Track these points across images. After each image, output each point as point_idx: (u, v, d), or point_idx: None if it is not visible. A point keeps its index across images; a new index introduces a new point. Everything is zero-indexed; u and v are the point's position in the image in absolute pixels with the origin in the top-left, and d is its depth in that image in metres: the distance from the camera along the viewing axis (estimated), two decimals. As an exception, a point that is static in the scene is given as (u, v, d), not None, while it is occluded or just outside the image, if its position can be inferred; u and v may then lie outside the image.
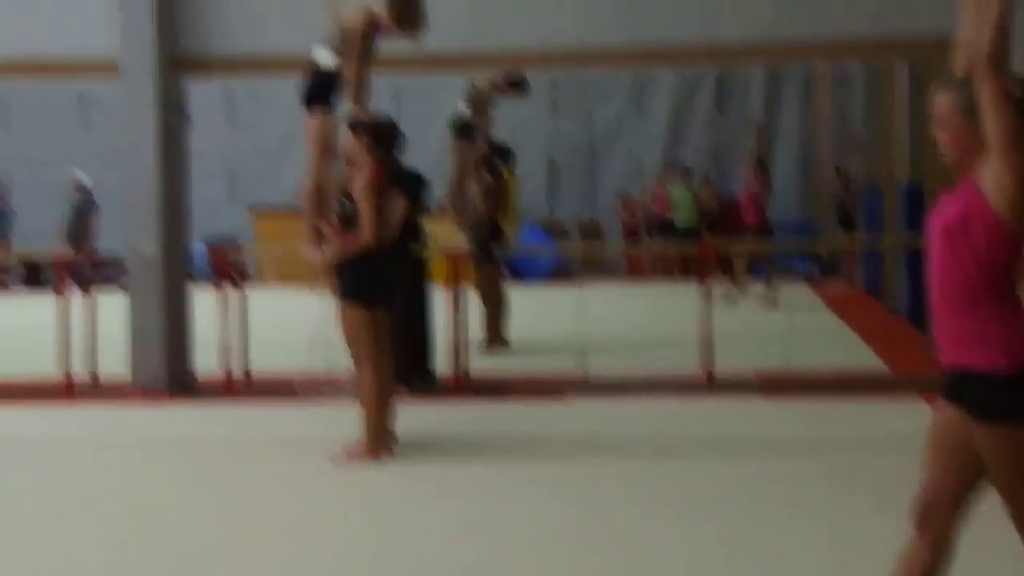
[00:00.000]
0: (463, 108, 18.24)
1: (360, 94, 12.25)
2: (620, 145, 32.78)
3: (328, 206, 11.67)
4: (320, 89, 12.19)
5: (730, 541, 8.59)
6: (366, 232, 10.99)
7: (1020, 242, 5.45)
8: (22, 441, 12.63)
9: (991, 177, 5.34)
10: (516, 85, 18.19)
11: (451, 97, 18.24)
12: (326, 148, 11.90)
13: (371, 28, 12.32)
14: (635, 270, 29.76)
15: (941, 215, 5.56)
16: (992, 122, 5.32)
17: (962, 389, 5.51)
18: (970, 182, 5.47)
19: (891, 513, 5.89)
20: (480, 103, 18.19)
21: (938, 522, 5.63)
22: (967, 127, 5.45)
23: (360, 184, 11.07)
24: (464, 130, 18.11)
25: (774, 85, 32.53)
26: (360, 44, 12.28)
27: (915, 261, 19.02)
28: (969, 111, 5.43)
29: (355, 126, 11.47)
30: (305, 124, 12.56)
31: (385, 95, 12.18)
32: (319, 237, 11.60)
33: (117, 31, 14.87)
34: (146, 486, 10.65)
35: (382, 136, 11.30)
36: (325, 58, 12.25)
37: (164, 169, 15.04)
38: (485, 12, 14.72)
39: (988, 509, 5.71)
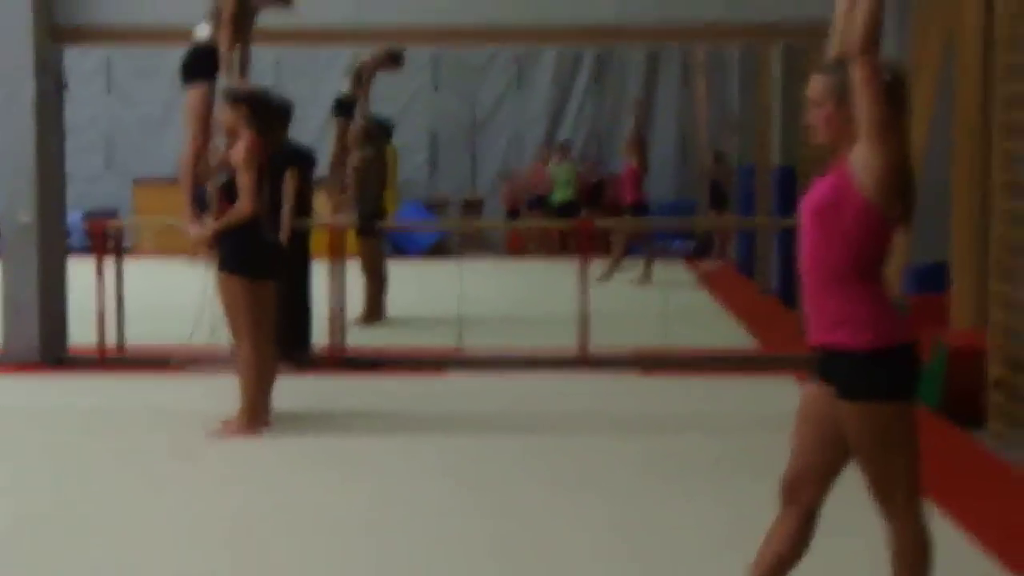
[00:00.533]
0: (346, 85, 18.31)
1: (238, 67, 12.24)
2: (501, 122, 32.84)
3: (207, 178, 11.64)
4: (198, 62, 12.14)
5: (614, 514, 8.66)
6: (244, 202, 10.97)
7: (889, 226, 5.56)
8: None
9: (861, 161, 5.43)
10: (395, 58, 18.24)
11: (335, 73, 18.22)
12: (204, 121, 11.86)
13: (243, -1, 12.35)
14: (515, 246, 29.81)
15: (812, 198, 5.65)
16: (864, 106, 5.41)
17: (830, 367, 5.62)
18: (841, 166, 5.55)
19: (767, 488, 5.95)
20: (361, 78, 18.24)
21: (803, 495, 5.80)
22: (840, 111, 5.54)
23: (239, 155, 11.05)
24: (344, 107, 18.18)
25: (653, 66, 32.68)
26: (232, 15, 12.27)
27: (787, 241, 19.21)
28: (842, 95, 5.51)
29: (233, 97, 11.45)
30: (184, 97, 12.54)
31: (268, 70, 12.19)
32: (197, 209, 11.57)
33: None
34: (12, 456, 10.60)
35: (260, 108, 11.24)
36: (202, 31, 12.22)
37: (40, 138, 14.94)
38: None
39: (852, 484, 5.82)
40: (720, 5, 14.53)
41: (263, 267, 11.10)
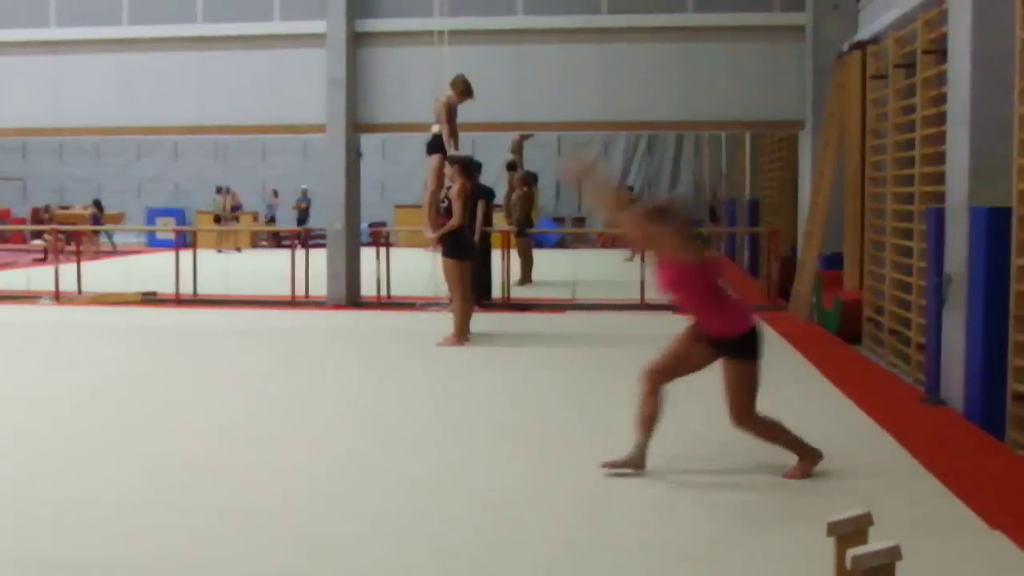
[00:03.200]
0: (510, 157, 18.38)
1: (452, 144, 12.35)
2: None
3: (436, 205, 11.73)
4: (435, 143, 12.30)
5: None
6: (456, 219, 11.05)
7: (703, 267, 5.79)
8: (273, 329, 12.70)
9: (664, 251, 5.75)
10: (527, 137, 18.29)
11: (503, 145, 18.29)
12: (438, 174, 11.98)
13: (451, 105, 12.44)
14: (604, 242, 29.65)
15: (665, 280, 5.84)
16: (640, 231, 5.94)
17: (718, 344, 5.73)
18: (664, 259, 5.78)
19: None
20: (518, 149, 18.33)
21: (656, 381, 5.95)
22: (647, 229, 5.81)
23: (454, 192, 11.15)
24: (510, 166, 18.30)
25: (679, 142, 32.55)
26: (447, 115, 12.38)
27: (753, 242, 19.08)
28: (647, 221, 5.80)
29: (452, 160, 11.55)
30: (426, 161, 12.69)
31: (468, 146, 12.33)
32: (432, 222, 11.66)
33: (324, 107, 14.94)
34: (330, 354, 10.70)
35: (466, 166, 11.34)
36: (436, 128, 12.37)
37: (348, 182, 15.09)
38: (523, 95, 14.76)
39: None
40: (717, 108, 14.43)
41: (465, 253, 11.15)
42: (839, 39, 13.30)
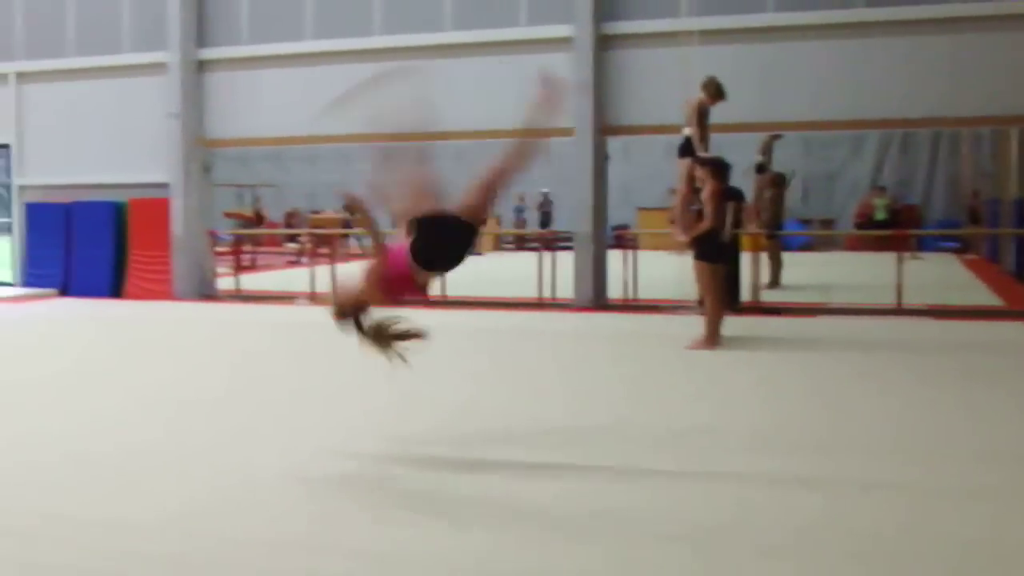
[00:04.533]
0: (760, 159, 18.15)
1: (703, 146, 12.30)
2: (845, 174, 32.09)
3: (687, 208, 11.72)
4: (686, 146, 12.28)
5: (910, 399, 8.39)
6: (709, 220, 11.02)
7: None
8: (514, 329, 12.94)
9: None
10: (776, 138, 17.97)
11: (751, 147, 18.07)
12: (688, 178, 11.96)
13: (703, 106, 12.39)
14: (851, 245, 28.94)
15: None
16: None
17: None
18: None
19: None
20: (766, 150, 18.06)
21: None
22: None
23: (706, 194, 11.11)
24: (760, 167, 18.06)
25: (936, 141, 31.40)
26: (698, 116, 12.34)
27: (1021, 246, 18.26)
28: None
29: (703, 163, 11.51)
30: (677, 164, 12.68)
31: (713, 145, 12.30)
32: (683, 224, 11.65)
33: (570, 110, 15.09)
34: (577, 356, 10.81)
35: (717, 168, 11.28)
36: (687, 131, 12.34)
37: (595, 187, 15.26)
38: (771, 94, 14.57)
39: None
40: (986, 103, 13.82)
41: (718, 256, 11.11)
42: None
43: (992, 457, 6.32)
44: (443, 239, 6.11)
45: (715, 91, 12.35)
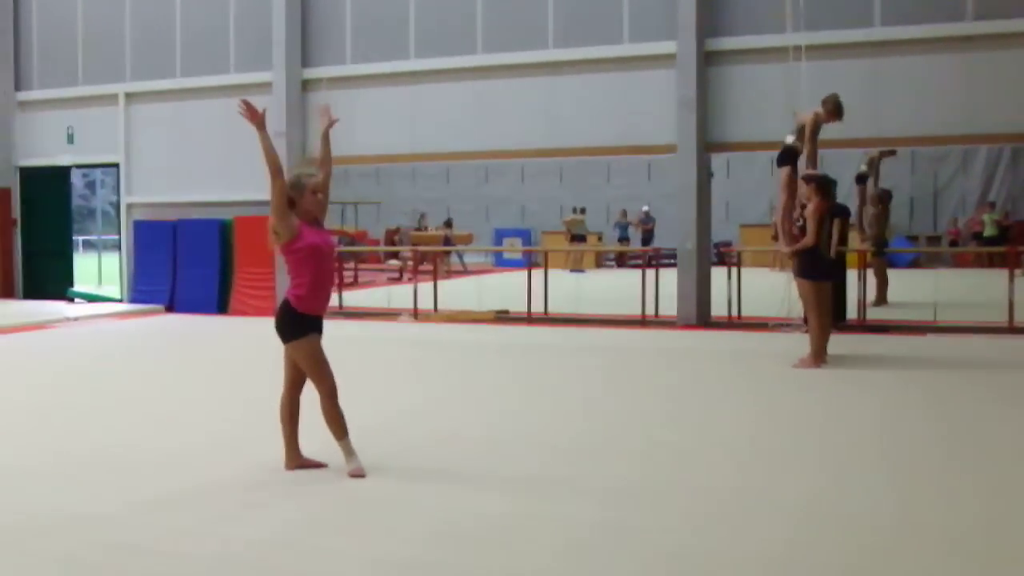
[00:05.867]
0: (862, 168, 18.05)
1: (811, 161, 12.29)
2: (952, 189, 31.64)
3: (790, 217, 11.67)
4: (786, 155, 12.24)
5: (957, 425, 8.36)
6: (810, 237, 11.01)
7: None
8: (620, 347, 13.05)
9: None
10: (887, 154, 17.83)
11: (850, 163, 17.98)
12: (789, 189, 11.93)
13: (817, 122, 12.35)
14: (960, 262, 28.51)
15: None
16: None
17: None
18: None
19: None
20: (873, 166, 17.97)
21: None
22: None
23: (809, 212, 11.12)
24: (861, 179, 17.97)
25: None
26: (811, 132, 12.31)
27: None
28: None
29: (808, 179, 11.51)
30: (778, 176, 12.66)
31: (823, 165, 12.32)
32: (784, 233, 11.60)
33: (674, 126, 15.19)
34: (677, 373, 10.83)
35: (822, 184, 11.27)
36: (790, 138, 12.29)
37: (699, 204, 15.30)
38: (877, 109, 14.48)
39: None
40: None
41: (822, 274, 11.10)
42: None
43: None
44: None
45: (833, 108, 12.29)
